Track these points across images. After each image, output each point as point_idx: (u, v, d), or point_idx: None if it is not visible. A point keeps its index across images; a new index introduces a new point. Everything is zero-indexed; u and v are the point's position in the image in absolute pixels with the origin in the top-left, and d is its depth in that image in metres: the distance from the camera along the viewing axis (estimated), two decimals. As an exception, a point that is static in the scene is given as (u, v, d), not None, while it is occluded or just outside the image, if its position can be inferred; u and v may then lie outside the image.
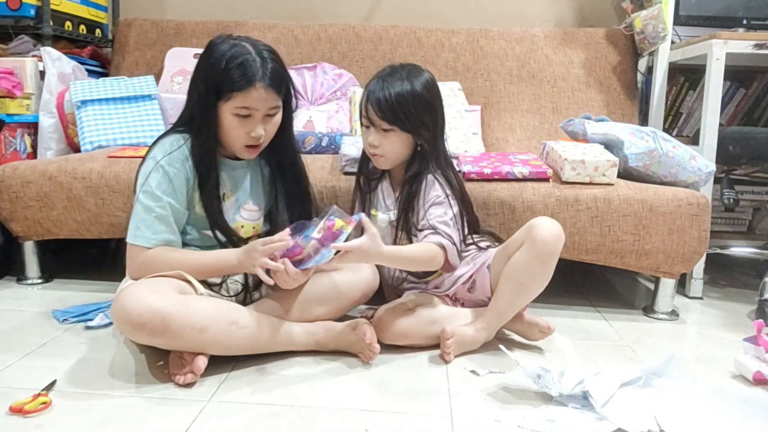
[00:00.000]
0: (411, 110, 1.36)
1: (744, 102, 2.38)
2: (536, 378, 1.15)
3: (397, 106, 1.35)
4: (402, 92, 1.35)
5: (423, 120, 1.38)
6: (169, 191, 1.27)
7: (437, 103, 1.41)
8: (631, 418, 1.05)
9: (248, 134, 1.29)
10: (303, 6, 2.57)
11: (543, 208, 1.62)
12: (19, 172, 1.70)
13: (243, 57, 1.25)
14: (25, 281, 1.81)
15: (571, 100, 2.29)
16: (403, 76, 1.37)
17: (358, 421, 1.06)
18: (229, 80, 1.24)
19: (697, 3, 2.22)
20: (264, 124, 1.30)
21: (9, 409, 1.04)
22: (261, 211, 1.43)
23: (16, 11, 2.04)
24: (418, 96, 1.36)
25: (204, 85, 1.27)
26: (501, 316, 1.38)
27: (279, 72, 1.28)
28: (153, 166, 1.28)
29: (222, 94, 1.25)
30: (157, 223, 1.26)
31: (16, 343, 1.35)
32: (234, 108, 1.26)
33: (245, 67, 1.24)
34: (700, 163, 1.72)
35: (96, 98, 2.01)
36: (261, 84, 1.24)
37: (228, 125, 1.28)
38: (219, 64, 1.25)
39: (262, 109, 1.28)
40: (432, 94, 1.40)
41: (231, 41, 1.28)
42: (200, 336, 1.15)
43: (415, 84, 1.37)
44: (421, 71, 1.41)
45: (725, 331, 1.64)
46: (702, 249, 1.65)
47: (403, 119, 1.36)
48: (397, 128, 1.37)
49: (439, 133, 1.43)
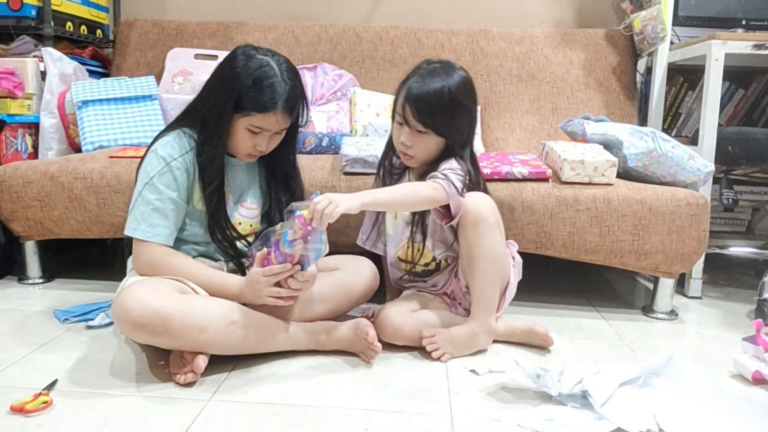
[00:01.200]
0: (448, 115, 1.34)
1: (743, 102, 2.38)
2: (535, 377, 1.15)
3: (437, 111, 1.34)
4: (442, 96, 1.33)
5: (459, 124, 1.37)
6: (170, 184, 1.28)
7: (473, 104, 1.40)
8: (630, 418, 1.05)
9: (254, 147, 1.32)
10: (304, 7, 2.57)
11: (542, 208, 1.63)
12: (20, 172, 1.71)
13: (272, 80, 1.26)
14: (26, 281, 1.81)
15: (571, 101, 2.29)
16: (443, 77, 1.34)
17: (358, 420, 1.06)
18: (252, 100, 1.26)
19: (696, 4, 2.23)
20: (271, 140, 1.34)
21: (10, 408, 1.04)
22: (259, 209, 1.43)
23: (18, 12, 2.04)
24: (457, 101, 1.34)
25: (225, 95, 1.28)
26: (482, 303, 1.36)
27: (296, 96, 1.30)
28: (154, 159, 1.29)
29: (241, 109, 1.27)
30: (154, 216, 1.27)
31: (18, 342, 1.36)
32: (249, 124, 1.28)
33: (272, 92, 1.26)
34: (699, 163, 1.73)
35: (97, 98, 2.02)
36: (281, 109, 1.27)
37: (238, 136, 1.31)
38: (246, 79, 1.26)
39: (274, 129, 1.31)
40: (469, 96, 1.38)
41: (259, 57, 1.28)
42: (201, 336, 1.15)
43: (454, 87, 1.34)
44: (457, 70, 1.38)
45: (724, 330, 1.64)
46: (701, 249, 1.65)
47: (440, 124, 1.35)
48: (432, 132, 1.36)
49: (472, 134, 1.42)
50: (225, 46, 2.34)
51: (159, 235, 1.27)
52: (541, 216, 1.63)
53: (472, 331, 1.35)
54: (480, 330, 1.36)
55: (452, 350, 1.33)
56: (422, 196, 1.29)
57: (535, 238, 1.65)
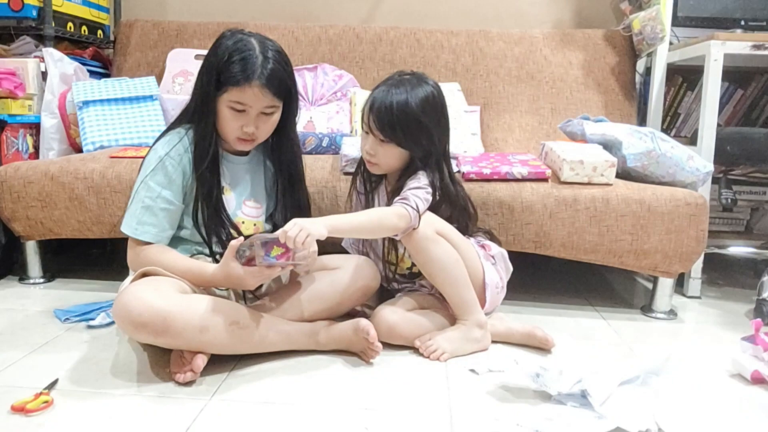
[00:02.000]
0: (408, 128, 1.37)
1: (742, 103, 2.38)
2: (535, 377, 1.16)
3: (396, 123, 1.36)
4: (404, 108, 1.35)
5: (419, 138, 1.38)
6: (164, 183, 1.28)
7: (436, 120, 1.40)
8: (630, 417, 1.05)
9: (241, 128, 1.29)
10: (304, 7, 2.58)
11: (542, 208, 1.63)
12: (21, 172, 1.71)
13: (245, 53, 1.25)
14: (27, 281, 1.82)
15: (570, 101, 2.30)
16: (408, 90, 1.37)
17: (358, 420, 1.06)
18: (228, 73, 1.25)
19: (695, 4, 2.23)
20: (259, 121, 1.30)
21: (11, 407, 1.04)
22: (263, 209, 1.43)
23: (18, 12, 2.04)
24: (416, 116, 1.36)
25: (206, 76, 1.28)
26: (459, 306, 1.37)
27: (279, 73, 1.27)
28: (153, 158, 1.29)
29: (220, 86, 1.26)
30: (145, 214, 1.27)
31: (18, 342, 1.36)
32: (229, 101, 1.27)
33: (244, 64, 1.25)
34: (698, 163, 1.73)
35: (98, 99, 2.02)
36: (257, 83, 1.25)
37: (223, 116, 1.29)
38: (222, 56, 1.26)
39: (256, 107, 1.28)
40: (431, 112, 1.39)
41: (239, 35, 1.29)
42: (201, 336, 1.16)
43: (415, 102, 1.36)
44: (425, 85, 1.40)
45: (723, 330, 1.65)
46: (700, 249, 1.66)
47: (399, 136, 1.37)
48: (392, 143, 1.39)
49: (435, 148, 1.42)
50: (225, 47, 2.34)
51: (147, 233, 1.27)
52: (540, 216, 1.63)
53: (463, 329, 1.37)
54: (471, 325, 1.37)
55: (450, 348, 1.34)
56: (387, 227, 1.31)
57: (535, 238, 1.65)
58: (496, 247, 1.52)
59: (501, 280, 1.49)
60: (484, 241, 1.52)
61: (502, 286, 1.51)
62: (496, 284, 1.46)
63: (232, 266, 1.21)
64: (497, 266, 1.49)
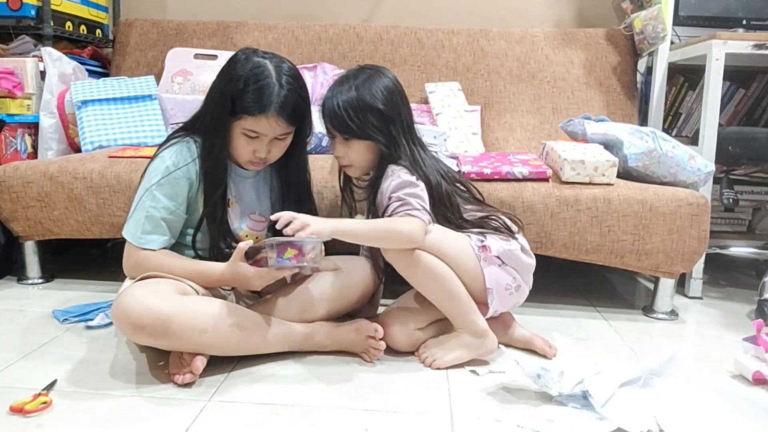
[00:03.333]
0: (359, 118, 1.33)
1: (743, 102, 2.38)
2: (536, 377, 1.15)
3: (345, 116, 1.33)
4: (348, 100, 1.33)
5: (375, 125, 1.34)
6: (169, 194, 1.27)
7: (389, 105, 1.35)
8: (631, 418, 1.05)
9: (253, 153, 1.30)
10: (304, 6, 2.57)
11: (543, 208, 1.62)
12: (19, 172, 1.71)
13: (261, 82, 1.23)
14: (26, 281, 1.81)
15: (571, 101, 2.29)
16: (351, 84, 1.35)
17: (358, 421, 1.06)
18: (243, 102, 1.24)
19: (697, 3, 2.23)
20: (271, 146, 1.31)
21: (9, 408, 1.04)
22: (267, 223, 1.42)
23: (17, 11, 2.04)
24: (364, 103, 1.33)
25: (221, 99, 1.27)
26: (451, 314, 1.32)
27: (294, 101, 1.26)
28: (160, 167, 1.28)
29: (235, 113, 1.25)
30: (149, 224, 1.26)
31: (17, 342, 1.35)
32: (243, 128, 1.27)
33: (260, 93, 1.23)
34: (699, 163, 1.73)
35: (96, 98, 2.02)
36: (273, 113, 1.24)
37: (235, 140, 1.29)
38: (238, 82, 1.24)
39: (271, 135, 1.28)
40: (382, 97, 1.34)
41: (255, 59, 1.26)
42: (201, 337, 1.15)
43: (360, 91, 1.33)
44: (366, 71, 1.37)
45: (725, 330, 1.64)
46: (701, 249, 1.65)
47: (354, 128, 1.33)
48: (352, 138, 1.36)
49: (399, 132, 1.36)
50: (225, 46, 2.34)
51: (152, 242, 1.27)
52: (541, 216, 1.63)
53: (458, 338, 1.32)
54: (464, 335, 1.32)
55: (441, 354, 1.30)
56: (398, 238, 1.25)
57: (536, 238, 1.65)
58: (500, 243, 1.36)
59: (514, 279, 1.36)
60: (485, 241, 1.35)
61: (517, 285, 1.37)
62: (505, 286, 1.35)
63: (240, 266, 1.21)
64: (506, 266, 1.36)
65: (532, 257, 1.41)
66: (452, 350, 1.31)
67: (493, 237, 1.36)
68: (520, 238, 1.41)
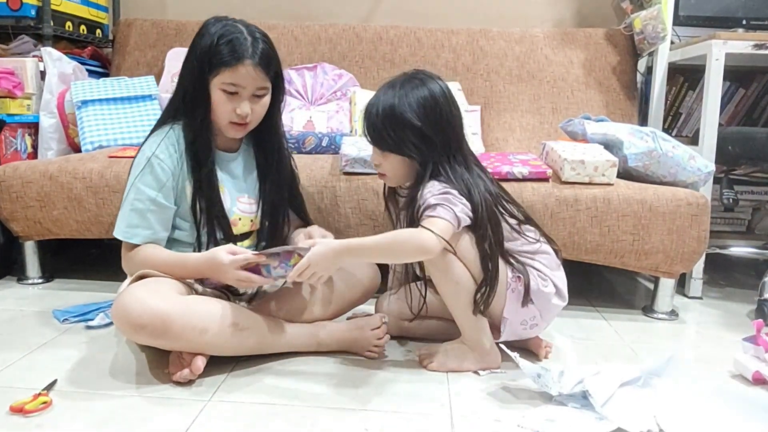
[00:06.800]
0: (395, 131, 1.25)
1: (743, 102, 2.38)
2: (536, 377, 1.15)
3: (382, 128, 1.26)
4: (387, 110, 1.25)
5: (411, 142, 1.25)
6: (153, 184, 1.26)
7: (429, 122, 1.25)
8: (631, 418, 1.05)
9: (234, 111, 1.28)
10: (303, 6, 2.57)
11: (543, 208, 1.62)
12: (19, 172, 1.71)
13: (234, 35, 1.26)
14: (26, 281, 1.81)
15: (571, 101, 2.29)
16: (395, 93, 1.26)
17: (358, 421, 1.06)
18: (219, 55, 1.25)
19: (697, 3, 2.23)
20: (251, 103, 1.29)
21: (9, 408, 1.04)
22: (257, 204, 1.41)
23: (17, 11, 2.04)
24: (402, 117, 1.24)
25: (196, 62, 1.28)
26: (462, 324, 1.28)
27: (269, 53, 1.28)
28: (141, 159, 1.28)
29: (212, 70, 1.26)
30: (134, 217, 1.26)
31: (17, 342, 1.35)
32: (222, 83, 1.26)
33: (234, 44, 1.25)
34: (699, 163, 1.73)
35: (96, 98, 2.02)
36: (249, 62, 1.25)
37: (216, 101, 1.28)
38: (210, 40, 1.27)
39: (250, 87, 1.27)
40: (422, 113, 1.25)
41: (224, 21, 1.30)
42: (201, 337, 1.15)
43: (401, 103, 1.25)
44: (418, 85, 1.27)
45: (724, 330, 1.64)
46: (701, 249, 1.65)
47: (390, 143, 1.27)
48: (387, 151, 1.29)
49: (438, 150, 1.26)
50: (225, 46, 2.33)
51: (137, 236, 1.26)
52: (541, 216, 1.62)
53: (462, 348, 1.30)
54: (466, 349, 1.29)
55: (443, 360, 1.29)
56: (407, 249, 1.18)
57: (536, 238, 1.64)
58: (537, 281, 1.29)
59: (533, 318, 1.30)
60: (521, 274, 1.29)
61: (534, 324, 1.31)
62: (521, 321, 1.30)
63: (216, 251, 1.20)
64: (533, 305, 1.29)
65: (564, 299, 1.35)
66: (455, 360, 1.29)
67: (533, 273, 1.30)
68: (558, 277, 1.35)
